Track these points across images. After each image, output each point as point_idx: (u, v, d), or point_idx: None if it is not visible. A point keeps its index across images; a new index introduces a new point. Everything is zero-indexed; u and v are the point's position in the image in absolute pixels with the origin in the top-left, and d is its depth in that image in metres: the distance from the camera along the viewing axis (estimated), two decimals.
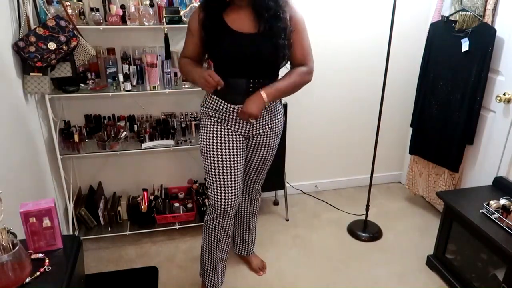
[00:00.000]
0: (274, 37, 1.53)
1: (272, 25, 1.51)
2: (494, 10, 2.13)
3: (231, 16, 1.57)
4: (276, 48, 1.55)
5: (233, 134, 1.70)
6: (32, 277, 1.08)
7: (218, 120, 1.69)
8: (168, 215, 2.43)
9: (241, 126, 1.69)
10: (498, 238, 1.72)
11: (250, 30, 1.55)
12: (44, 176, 2.09)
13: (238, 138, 1.71)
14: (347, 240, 2.50)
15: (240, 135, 1.71)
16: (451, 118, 2.35)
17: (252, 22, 1.55)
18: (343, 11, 2.57)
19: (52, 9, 1.94)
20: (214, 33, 1.57)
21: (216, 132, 1.69)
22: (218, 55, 1.61)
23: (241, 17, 1.56)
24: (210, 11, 1.57)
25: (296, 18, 1.60)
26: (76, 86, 2.06)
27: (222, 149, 1.69)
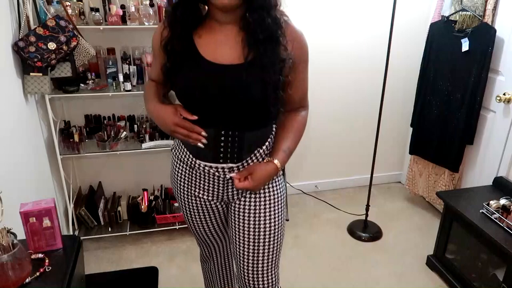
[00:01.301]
0: (266, 71, 1.06)
1: (266, 53, 1.05)
2: (494, 10, 2.13)
3: (204, 38, 1.11)
4: (266, 86, 1.07)
5: (204, 203, 1.31)
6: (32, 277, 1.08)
7: (182, 183, 1.29)
8: (168, 215, 2.43)
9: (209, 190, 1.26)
10: (498, 238, 1.72)
11: (231, 59, 1.08)
12: (44, 176, 2.09)
13: (210, 205, 1.31)
14: (347, 240, 2.50)
15: (212, 200, 1.29)
16: (451, 118, 2.35)
17: (235, 48, 1.09)
18: (343, 11, 2.57)
19: (52, 9, 1.94)
20: (178, 61, 1.12)
21: (182, 193, 1.32)
22: (179, 92, 1.15)
23: (218, 40, 1.10)
24: (177, 29, 1.11)
25: (300, 47, 1.13)
26: (76, 86, 2.06)
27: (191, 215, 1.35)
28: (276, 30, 1.07)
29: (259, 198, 1.25)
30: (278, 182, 1.28)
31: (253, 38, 1.06)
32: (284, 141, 1.21)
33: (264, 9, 1.05)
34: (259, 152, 1.21)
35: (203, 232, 1.41)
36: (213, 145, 1.15)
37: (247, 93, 1.08)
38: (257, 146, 1.20)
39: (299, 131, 1.25)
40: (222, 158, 1.17)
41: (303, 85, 1.22)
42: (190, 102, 1.14)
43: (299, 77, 1.18)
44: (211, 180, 1.24)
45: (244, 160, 1.19)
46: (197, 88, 1.10)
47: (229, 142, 1.15)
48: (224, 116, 1.12)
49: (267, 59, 1.06)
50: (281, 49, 1.08)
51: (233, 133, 1.14)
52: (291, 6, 1.32)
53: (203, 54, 1.10)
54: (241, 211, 1.26)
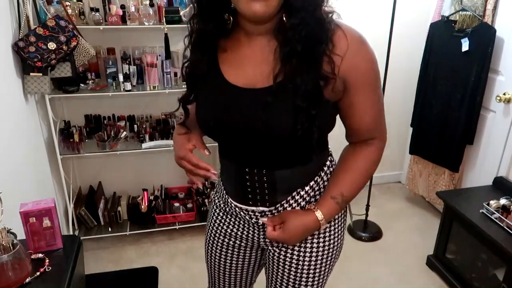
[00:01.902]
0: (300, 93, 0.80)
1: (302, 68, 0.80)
2: (494, 10, 2.13)
3: (228, 53, 0.89)
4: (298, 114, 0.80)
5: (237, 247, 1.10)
6: (32, 277, 1.07)
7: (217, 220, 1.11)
8: (168, 215, 2.43)
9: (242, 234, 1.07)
10: (498, 238, 1.72)
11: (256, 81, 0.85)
12: (44, 176, 2.09)
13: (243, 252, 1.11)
14: (347, 240, 2.49)
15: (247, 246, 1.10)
16: (451, 118, 2.35)
17: (264, 65, 0.84)
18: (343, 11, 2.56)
19: (52, 9, 1.94)
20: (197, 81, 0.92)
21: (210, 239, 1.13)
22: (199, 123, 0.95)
23: (244, 56, 0.87)
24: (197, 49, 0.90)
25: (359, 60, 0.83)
26: (76, 86, 2.06)
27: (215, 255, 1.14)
28: (320, 36, 0.80)
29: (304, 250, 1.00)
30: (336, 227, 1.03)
31: (288, 49, 0.80)
32: (338, 185, 0.93)
33: (307, 10, 0.79)
34: (300, 194, 0.96)
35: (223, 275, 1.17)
36: (239, 185, 0.96)
37: (273, 124, 0.82)
38: (297, 186, 0.95)
39: (362, 173, 0.93)
40: (251, 200, 0.97)
41: (371, 113, 0.88)
42: (206, 132, 0.95)
43: (362, 102, 0.86)
44: (245, 223, 1.04)
45: (279, 204, 0.96)
46: (213, 116, 0.89)
47: (256, 182, 0.94)
48: (247, 151, 0.91)
49: (302, 77, 0.79)
50: (325, 63, 0.80)
51: (259, 171, 0.92)
52: None
53: (225, 74, 0.88)
54: (280, 262, 1.03)
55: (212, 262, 1.15)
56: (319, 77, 0.80)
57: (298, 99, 0.79)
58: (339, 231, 1.05)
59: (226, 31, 0.89)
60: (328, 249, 1.02)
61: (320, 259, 1.01)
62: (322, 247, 1.01)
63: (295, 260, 1.01)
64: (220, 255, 1.12)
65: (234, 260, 1.12)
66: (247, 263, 1.13)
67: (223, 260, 1.13)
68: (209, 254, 1.15)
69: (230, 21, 0.88)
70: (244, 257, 1.11)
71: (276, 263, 1.04)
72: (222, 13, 0.86)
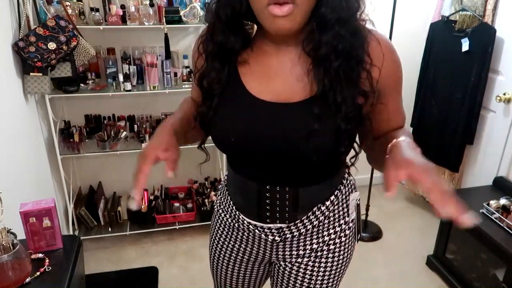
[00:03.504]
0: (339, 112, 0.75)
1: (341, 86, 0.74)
2: (494, 10, 2.13)
3: (251, 65, 0.83)
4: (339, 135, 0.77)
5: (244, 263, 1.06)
6: (32, 277, 1.08)
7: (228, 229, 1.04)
8: (168, 215, 2.43)
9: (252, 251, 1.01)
10: (498, 238, 1.72)
11: (287, 96, 0.79)
12: (44, 176, 2.09)
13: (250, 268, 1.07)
14: None
15: (256, 261, 1.05)
16: (451, 118, 2.34)
17: (294, 80, 0.79)
18: None
19: (52, 9, 1.94)
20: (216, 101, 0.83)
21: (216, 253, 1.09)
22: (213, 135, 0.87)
23: (271, 69, 0.81)
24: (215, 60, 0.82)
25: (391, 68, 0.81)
26: (76, 86, 2.06)
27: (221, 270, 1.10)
28: (357, 52, 0.75)
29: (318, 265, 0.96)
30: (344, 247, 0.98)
31: (324, 66, 0.74)
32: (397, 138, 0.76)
33: (342, 24, 0.73)
34: (321, 209, 0.92)
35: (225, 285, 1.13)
36: (256, 202, 0.90)
37: (315, 144, 0.76)
38: (318, 202, 0.91)
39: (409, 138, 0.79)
40: (269, 217, 0.91)
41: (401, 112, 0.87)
42: (223, 147, 0.88)
43: (394, 105, 0.85)
44: (256, 240, 0.98)
45: (299, 220, 0.91)
46: (236, 132, 0.82)
47: (277, 200, 0.88)
48: (272, 168, 0.85)
49: (341, 95, 0.74)
50: (363, 78, 0.76)
51: (282, 189, 0.87)
52: None
53: (248, 87, 0.81)
54: (292, 277, 0.99)
55: (219, 276, 1.11)
56: (359, 93, 0.76)
57: (340, 121, 0.75)
58: (349, 250, 1.01)
59: (249, 42, 0.82)
60: (337, 265, 0.99)
61: (334, 274, 0.99)
62: (336, 261, 0.98)
63: (308, 275, 0.97)
64: (226, 270, 1.08)
65: (241, 274, 1.08)
66: (255, 276, 1.09)
67: (229, 274, 1.09)
68: (215, 268, 1.11)
69: (253, 30, 0.82)
70: (252, 271, 1.07)
71: (287, 278, 1.00)
72: (244, 25, 0.81)
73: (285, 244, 0.96)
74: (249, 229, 0.97)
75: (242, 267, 1.06)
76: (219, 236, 1.06)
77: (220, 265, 1.09)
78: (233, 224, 1.01)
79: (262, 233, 0.95)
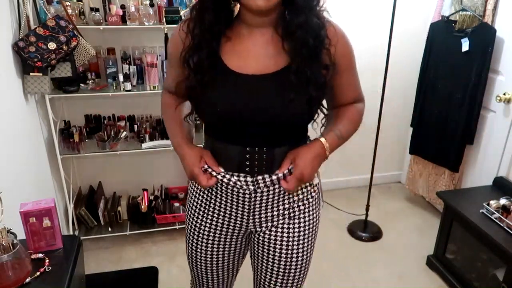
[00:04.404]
0: (311, 83, 0.92)
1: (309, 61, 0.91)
2: (494, 10, 2.13)
3: (230, 45, 0.96)
4: (311, 102, 0.94)
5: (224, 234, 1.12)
6: (32, 277, 1.08)
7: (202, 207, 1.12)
8: (168, 215, 2.43)
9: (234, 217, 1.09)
10: (498, 238, 1.72)
11: (264, 68, 0.93)
12: (44, 176, 2.09)
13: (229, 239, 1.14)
14: (347, 240, 2.50)
15: (234, 232, 1.12)
16: (451, 118, 2.35)
17: (269, 56, 0.94)
18: (343, 11, 2.56)
19: (52, 9, 1.94)
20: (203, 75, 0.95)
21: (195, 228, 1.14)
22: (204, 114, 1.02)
23: (248, 47, 0.95)
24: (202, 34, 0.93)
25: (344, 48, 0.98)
26: (76, 86, 2.06)
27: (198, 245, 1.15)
28: (320, 33, 0.92)
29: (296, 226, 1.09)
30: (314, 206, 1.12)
31: (296, 44, 0.90)
32: (336, 124, 1.05)
33: (309, 9, 0.90)
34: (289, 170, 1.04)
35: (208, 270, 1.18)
36: (237, 163, 1.02)
37: (284, 109, 0.92)
38: None
39: (353, 119, 1.07)
40: (248, 172, 1.02)
41: (357, 85, 1.08)
42: (213, 119, 1.02)
43: (349, 80, 1.04)
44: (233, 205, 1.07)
45: (274, 174, 1.03)
46: (223, 105, 0.95)
47: (256, 160, 1.01)
48: (252, 133, 0.98)
49: (310, 68, 0.91)
50: (324, 54, 0.94)
51: (260, 150, 1.00)
52: None
53: (228, 64, 0.95)
54: (271, 243, 1.10)
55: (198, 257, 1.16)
56: (322, 66, 0.94)
57: (312, 90, 0.92)
58: (317, 211, 1.15)
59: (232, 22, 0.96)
60: (309, 225, 1.12)
61: (307, 236, 1.12)
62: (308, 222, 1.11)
63: (285, 237, 1.08)
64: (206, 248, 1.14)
65: (221, 250, 1.14)
66: (233, 250, 1.16)
67: (209, 252, 1.15)
68: (194, 249, 1.16)
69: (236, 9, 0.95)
70: (230, 244, 1.14)
71: (267, 246, 1.10)
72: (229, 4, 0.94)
73: (260, 207, 1.06)
74: (226, 190, 1.05)
75: (221, 242, 1.13)
76: (196, 214, 1.14)
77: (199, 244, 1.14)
78: (209, 194, 1.09)
79: (240, 188, 1.03)
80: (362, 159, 2.95)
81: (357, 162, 3.02)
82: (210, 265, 1.17)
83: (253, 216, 1.08)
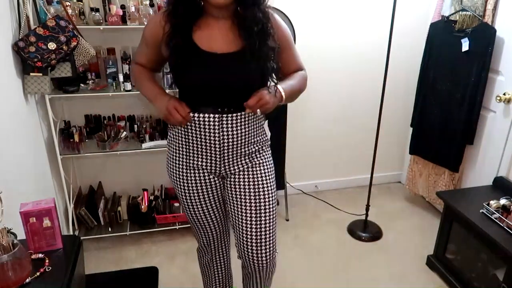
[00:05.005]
0: (261, 59, 1.23)
1: (259, 42, 1.22)
2: (494, 10, 2.13)
3: (200, 31, 1.25)
4: (263, 73, 1.27)
5: (201, 174, 1.39)
6: (32, 277, 1.08)
7: (183, 155, 1.39)
8: (168, 215, 2.43)
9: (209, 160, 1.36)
10: (498, 238, 1.72)
11: (227, 48, 1.24)
12: (44, 176, 2.09)
13: (208, 178, 1.41)
14: (347, 240, 2.50)
15: (211, 173, 1.40)
16: (451, 118, 2.35)
17: (229, 38, 1.25)
18: (343, 11, 2.57)
19: (52, 9, 1.94)
20: (181, 54, 1.23)
21: (182, 173, 1.42)
22: (185, 83, 1.30)
23: (213, 32, 1.25)
24: (178, 23, 1.23)
25: (283, 32, 1.34)
26: (76, 86, 2.06)
27: (191, 195, 1.43)
28: (266, 23, 1.24)
29: (257, 168, 1.39)
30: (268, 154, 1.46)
31: (246, 31, 1.22)
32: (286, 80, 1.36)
33: (256, 5, 1.21)
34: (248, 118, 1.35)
35: (201, 211, 1.47)
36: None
37: (243, 78, 1.26)
38: None
39: (299, 77, 1.39)
40: None
41: (298, 59, 1.42)
42: (190, 88, 1.30)
43: (290, 55, 1.39)
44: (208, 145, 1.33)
45: None
46: (198, 76, 1.25)
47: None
48: (219, 97, 1.27)
49: (261, 49, 1.23)
50: (271, 40, 1.26)
51: (228, 110, 1.29)
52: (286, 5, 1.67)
53: (201, 46, 1.24)
54: (241, 183, 1.39)
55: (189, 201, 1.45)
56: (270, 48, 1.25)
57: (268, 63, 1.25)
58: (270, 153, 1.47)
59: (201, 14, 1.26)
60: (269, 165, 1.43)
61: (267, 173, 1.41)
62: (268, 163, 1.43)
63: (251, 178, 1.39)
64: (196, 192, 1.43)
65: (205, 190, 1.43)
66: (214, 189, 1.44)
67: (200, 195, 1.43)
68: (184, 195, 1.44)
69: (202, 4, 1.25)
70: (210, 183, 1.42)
71: (237, 185, 1.39)
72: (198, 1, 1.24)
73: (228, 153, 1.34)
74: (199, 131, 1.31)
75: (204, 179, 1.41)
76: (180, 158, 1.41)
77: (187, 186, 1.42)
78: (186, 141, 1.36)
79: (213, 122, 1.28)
80: (362, 159, 2.95)
81: (357, 162, 3.02)
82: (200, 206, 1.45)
83: (223, 161, 1.36)
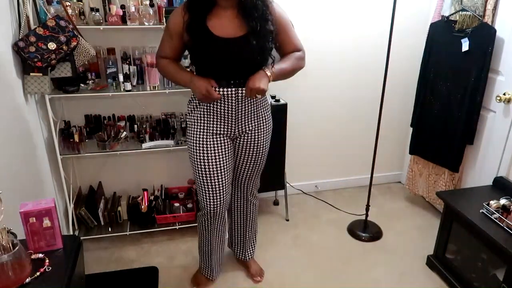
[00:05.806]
0: (261, 40, 1.53)
1: (260, 26, 1.51)
2: (494, 10, 2.13)
3: (213, 20, 1.55)
4: (263, 51, 1.56)
5: (219, 138, 1.72)
6: (32, 277, 1.08)
7: (204, 123, 1.71)
8: (168, 215, 2.43)
9: (226, 125, 1.70)
10: (498, 238, 1.72)
11: (235, 34, 1.54)
12: (44, 176, 2.09)
13: (224, 141, 1.73)
14: (347, 240, 2.50)
15: (226, 136, 1.73)
16: (451, 118, 2.35)
17: (236, 25, 1.54)
18: (343, 11, 2.57)
19: (52, 9, 1.94)
20: (199, 40, 1.54)
21: (202, 138, 1.71)
22: (203, 63, 1.61)
23: (223, 21, 1.55)
24: (195, 14, 1.54)
25: (280, 17, 1.61)
26: (76, 86, 2.06)
27: (209, 156, 1.71)
28: (265, 11, 1.53)
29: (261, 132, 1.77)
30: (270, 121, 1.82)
31: (249, 16, 1.51)
32: (277, 63, 1.62)
33: None
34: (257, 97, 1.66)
35: (216, 169, 1.73)
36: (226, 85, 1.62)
37: (249, 56, 1.55)
38: None
39: (294, 59, 1.66)
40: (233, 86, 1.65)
41: (294, 41, 1.68)
42: (207, 66, 1.61)
43: (288, 36, 1.66)
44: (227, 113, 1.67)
45: None
46: (213, 57, 1.56)
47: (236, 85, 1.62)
48: (230, 72, 1.60)
49: (259, 32, 1.52)
50: (269, 23, 1.55)
51: (239, 82, 1.61)
52: None
53: (214, 32, 1.54)
54: (248, 140, 1.77)
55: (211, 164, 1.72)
56: (269, 31, 1.55)
57: (262, 44, 1.54)
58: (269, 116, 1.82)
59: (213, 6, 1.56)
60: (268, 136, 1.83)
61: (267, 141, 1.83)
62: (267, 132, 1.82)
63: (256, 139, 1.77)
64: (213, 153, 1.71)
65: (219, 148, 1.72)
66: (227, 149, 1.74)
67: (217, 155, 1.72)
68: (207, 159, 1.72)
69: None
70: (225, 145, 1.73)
71: (245, 142, 1.77)
72: None
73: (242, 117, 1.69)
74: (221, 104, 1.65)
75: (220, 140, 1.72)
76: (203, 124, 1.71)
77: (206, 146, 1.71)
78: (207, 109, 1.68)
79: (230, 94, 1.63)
80: (362, 159, 2.95)
81: (357, 162, 3.02)
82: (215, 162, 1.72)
83: (237, 125, 1.70)
